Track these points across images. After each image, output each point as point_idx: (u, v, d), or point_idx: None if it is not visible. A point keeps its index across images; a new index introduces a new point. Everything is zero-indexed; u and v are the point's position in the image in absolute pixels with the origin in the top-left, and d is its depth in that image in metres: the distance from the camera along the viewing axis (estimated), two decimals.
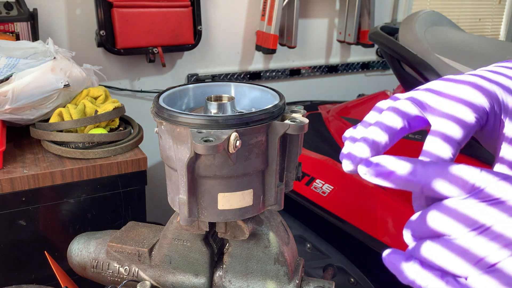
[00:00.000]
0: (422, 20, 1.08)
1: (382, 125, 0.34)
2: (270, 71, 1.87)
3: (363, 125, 0.37)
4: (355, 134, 0.37)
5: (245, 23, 1.76)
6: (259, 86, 0.56)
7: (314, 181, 1.10)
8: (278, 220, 0.58)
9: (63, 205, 0.95)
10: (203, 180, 0.47)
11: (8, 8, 1.21)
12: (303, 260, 0.61)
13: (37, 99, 0.95)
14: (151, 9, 1.43)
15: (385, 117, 0.35)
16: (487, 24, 2.61)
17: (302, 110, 0.50)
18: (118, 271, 0.61)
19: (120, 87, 1.58)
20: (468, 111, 0.33)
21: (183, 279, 0.59)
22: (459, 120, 0.33)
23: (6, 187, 0.88)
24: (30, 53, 1.07)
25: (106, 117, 1.01)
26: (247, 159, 0.47)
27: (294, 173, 0.52)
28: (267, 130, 0.47)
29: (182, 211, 0.49)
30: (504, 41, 1.13)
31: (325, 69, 2.01)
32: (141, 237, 0.63)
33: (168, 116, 0.46)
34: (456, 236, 0.28)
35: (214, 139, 0.42)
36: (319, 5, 1.92)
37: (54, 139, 0.98)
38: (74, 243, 0.66)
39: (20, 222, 0.92)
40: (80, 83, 1.05)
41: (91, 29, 1.47)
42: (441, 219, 0.29)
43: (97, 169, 0.95)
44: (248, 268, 0.56)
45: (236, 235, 0.54)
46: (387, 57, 1.16)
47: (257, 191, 0.50)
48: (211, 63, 1.74)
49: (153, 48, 1.48)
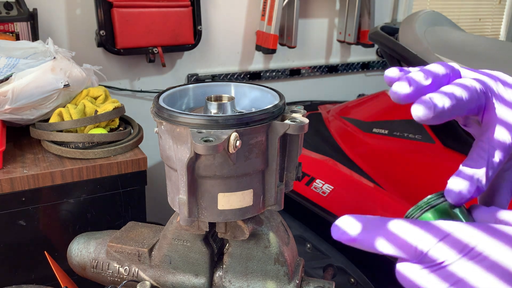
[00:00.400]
0: (422, 20, 1.08)
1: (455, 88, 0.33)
2: (270, 71, 1.87)
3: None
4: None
5: (245, 23, 1.76)
6: (259, 86, 0.56)
7: (314, 181, 1.10)
8: (278, 220, 0.58)
9: (63, 205, 0.95)
10: (203, 180, 0.47)
11: (8, 8, 1.21)
12: (303, 260, 0.61)
13: (37, 99, 0.95)
14: (151, 9, 1.43)
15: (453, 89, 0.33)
16: (487, 24, 2.61)
17: (302, 110, 0.50)
18: (118, 271, 0.61)
19: (120, 87, 1.58)
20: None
21: (183, 279, 0.59)
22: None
23: (6, 187, 0.88)
24: (30, 53, 1.07)
25: (106, 117, 1.01)
26: (247, 159, 0.47)
27: (294, 173, 0.52)
28: (267, 130, 0.47)
29: (182, 211, 0.49)
30: (504, 41, 1.13)
31: (325, 69, 2.01)
32: (141, 237, 0.63)
33: (168, 116, 0.46)
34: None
35: (214, 139, 0.42)
36: (319, 5, 1.92)
37: (54, 139, 0.98)
38: (74, 243, 0.66)
39: (20, 222, 0.92)
40: (80, 83, 1.05)
41: (91, 29, 1.47)
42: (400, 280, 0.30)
43: (97, 169, 0.95)
44: (248, 268, 0.56)
45: (236, 235, 0.54)
46: (387, 57, 1.16)
47: (257, 191, 0.50)
48: (211, 63, 1.74)
49: (153, 48, 1.48)
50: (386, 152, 1.11)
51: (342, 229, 0.31)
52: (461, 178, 0.33)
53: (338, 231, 0.31)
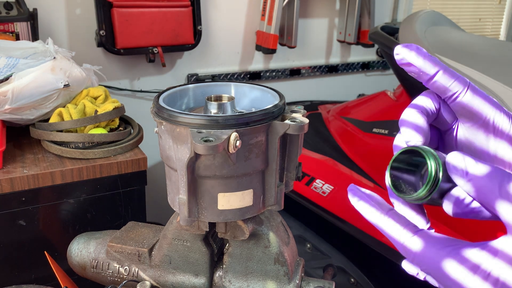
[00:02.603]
0: (422, 20, 1.08)
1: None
2: (270, 71, 1.87)
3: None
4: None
5: (245, 23, 1.76)
6: (259, 86, 0.56)
7: (314, 181, 1.10)
8: (278, 220, 0.58)
9: (63, 205, 0.95)
10: (203, 180, 0.47)
11: (8, 8, 1.20)
12: (303, 260, 0.61)
13: (37, 99, 0.95)
14: (151, 9, 1.43)
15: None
16: (487, 24, 2.61)
17: (302, 110, 0.50)
18: (118, 271, 0.61)
19: (120, 87, 1.58)
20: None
21: (183, 279, 0.59)
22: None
23: (6, 187, 0.88)
24: (30, 53, 1.07)
25: (106, 117, 1.01)
26: (247, 159, 0.47)
27: (294, 173, 0.52)
28: (267, 130, 0.47)
29: (182, 211, 0.49)
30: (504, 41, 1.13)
31: (325, 69, 2.01)
32: (141, 237, 0.63)
33: (168, 116, 0.46)
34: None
35: (214, 139, 0.42)
36: (319, 5, 1.92)
37: (54, 139, 0.98)
38: (74, 243, 0.66)
39: (20, 222, 0.92)
40: (80, 83, 1.05)
41: (91, 29, 1.47)
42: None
43: (97, 169, 0.95)
44: (248, 268, 0.56)
45: (236, 235, 0.54)
46: (387, 57, 1.16)
47: (257, 191, 0.50)
48: (211, 63, 1.74)
49: (153, 48, 1.48)
50: (386, 152, 1.11)
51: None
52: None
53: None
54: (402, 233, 0.31)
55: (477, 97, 0.34)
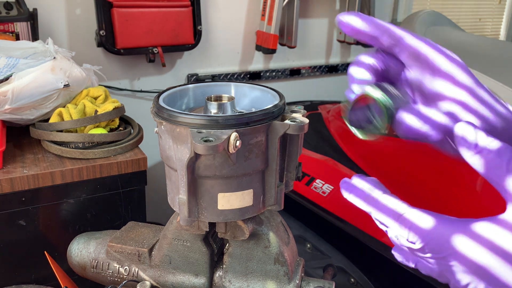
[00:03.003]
0: (422, 20, 1.08)
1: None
2: (270, 71, 1.87)
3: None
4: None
5: (245, 23, 1.76)
6: (259, 86, 0.56)
7: (314, 181, 1.10)
8: (278, 220, 0.58)
9: (63, 205, 0.95)
10: (203, 180, 0.47)
11: (8, 8, 1.21)
12: (303, 260, 0.61)
13: (37, 99, 0.95)
14: (151, 9, 1.43)
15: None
16: (487, 24, 2.61)
17: (302, 110, 0.50)
18: (118, 271, 0.61)
19: (120, 87, 1.58)
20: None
21: (183, 279, 0.59)
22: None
23: (6, 187, 0.88)
24: (30, 53, 1.07)
25: (106, 117, 1.01)
26: (247, 159, 0.47)
27: (294, 173, 0.52)
28: (267, 130, 0.47)
29: (182, 211, 0.49)
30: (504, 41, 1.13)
31: (325, 69, 2.01)
32: (141, 237, 0.63)
33: (168, 116, 0.46)
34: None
35: (214, 139, 0.42)
36: (319, 5, 1.92)
37: (54, 139, 0.98)
38: (74, 243, 0.66)
39: (20, 222, 0.92)
40: (80, 83, 1.05)
41: (91, 29, 1.47)
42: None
43: (97, 169, 0.95)
44: (248, 268, 0.56)
45: (236, 235, 0.54)
46: None
47: (257, 191, 0.50)
48: (211, 63, 1.74)
49: (153, 48, 1.48)
50: (386, 152, 1.11)
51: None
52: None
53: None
54: (403, 206, 0.34)
55: (421, 42, 0.37)
